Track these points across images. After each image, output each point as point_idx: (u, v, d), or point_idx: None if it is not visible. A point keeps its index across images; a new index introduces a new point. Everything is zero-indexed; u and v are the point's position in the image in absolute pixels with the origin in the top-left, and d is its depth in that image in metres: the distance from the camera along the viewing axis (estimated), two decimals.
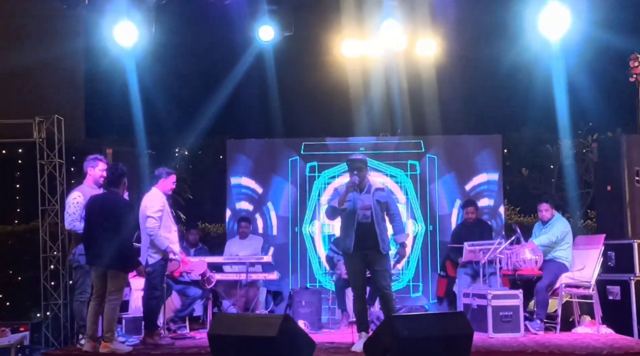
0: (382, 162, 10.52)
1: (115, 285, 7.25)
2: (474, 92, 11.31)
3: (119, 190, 7.41)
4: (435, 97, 10.76)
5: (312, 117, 11.31)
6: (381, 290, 7.34)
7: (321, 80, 11.28)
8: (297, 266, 10.57)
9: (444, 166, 10.56)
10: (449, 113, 10.82)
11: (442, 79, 10.84)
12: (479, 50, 11.08)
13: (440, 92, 10.82)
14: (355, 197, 7.33)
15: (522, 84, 10.88)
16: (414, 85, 10.81)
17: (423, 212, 10.51)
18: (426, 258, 10.45)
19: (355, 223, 7.27)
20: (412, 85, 10.77)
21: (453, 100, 10.93)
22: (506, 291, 8.27)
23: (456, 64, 10.99)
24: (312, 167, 10.67)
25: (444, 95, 10.87)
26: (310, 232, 10.63)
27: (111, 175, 7.45)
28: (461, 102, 10.99)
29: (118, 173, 7.42)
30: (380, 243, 7.26)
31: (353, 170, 7.33)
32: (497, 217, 10.45)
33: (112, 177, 7.42)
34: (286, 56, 10.74)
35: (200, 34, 11.05)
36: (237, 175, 10.75)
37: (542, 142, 10.86)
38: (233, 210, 10.72)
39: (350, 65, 10.84)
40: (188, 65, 11.02)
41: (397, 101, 10.90)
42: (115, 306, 7.26)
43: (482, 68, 11.28)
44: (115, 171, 7.46)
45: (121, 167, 7.52)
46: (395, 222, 7.51)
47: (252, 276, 9.33)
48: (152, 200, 7.80)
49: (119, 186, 7.38)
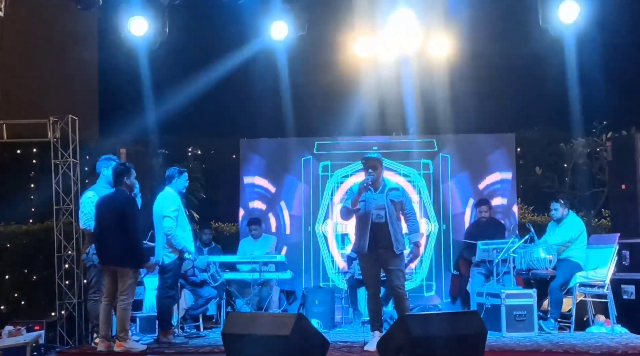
0: (395, 161, 10.51)
1: (125, 283, 7.27)
2: (487, 90, 11.28)
3: (124, 188, 7.42)
4: (448, 95, 10.73)
5: (325, 116, 11.31)
6: (395, 289, 7.34)
7: (333, 79, 11.27)
8: (310, 265, 10.58)
9: (457, 165, 10.55)
10: (462, 112, 10.80)
11: (455, 77, 10.81)
12: (492, 48, 11.06)
13: (453, 90, 10.80)
14: (369, 197, 7.33)
15: (535, 82, 10.85)
16: (427, 84, 10.79)
17: (436, 211, 10.49)
18: (439, 257, 10.44)
19: (370, 223, 7.28)
20: (424, 84, 10.74)
21: (466, 99, 10.91)
22: (520, 291, 8.26)
23: (469, 62, 10.97)
24: (324, 166, 10.67)
25: (457, 94, 10.86)
26: (323, 231, 10.64)
27: (112, 173, 7.52)
28: (474, 101, 10.96)
29: (118, 171, 7.46)
30: (394, 243, 7.26)
31: (368, 168, 7.33)
32: (511, 215, 10.43)
33: (113, 175, 7.50)
34: (298, 55, 10.75)
35: (214, 33, 11.07)
36: (250, 174, 10.77)
37: (556, 141, 10.82)
38: (246, 210, 10.75)
39: (362, 64, 10.84)
40: (201, 64, 10.96)
41: (410, 100, 10.87)
42: (127, 306, 7.28)
43: (495, 66, 11.26)
44: (116, 169, 7.51)
45: (122, 165, 7.55)
46: (410, 221, 7.51)
47: (265, 275, 9.33)
48: (168, 200, 7.83)
49: (122, 184, 7.40)
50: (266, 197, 10.78)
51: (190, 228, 8.11)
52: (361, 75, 10.94)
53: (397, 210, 7.39)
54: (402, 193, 7.53)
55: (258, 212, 10.68)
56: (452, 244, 10.38)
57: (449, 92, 10.74)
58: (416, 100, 10.82)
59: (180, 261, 7.88)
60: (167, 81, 10.64)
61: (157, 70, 10.28)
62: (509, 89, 11.35)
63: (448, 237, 10.45)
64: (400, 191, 7.51)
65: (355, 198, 7.26)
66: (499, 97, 11.38)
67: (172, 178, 8.00)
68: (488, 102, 11.24)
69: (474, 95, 11.04)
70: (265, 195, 10.79)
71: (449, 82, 10.73)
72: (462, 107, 10.85)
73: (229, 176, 11.10)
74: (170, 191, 7.95)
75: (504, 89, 11.36)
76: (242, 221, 10.71)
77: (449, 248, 10.41)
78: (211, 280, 8.83)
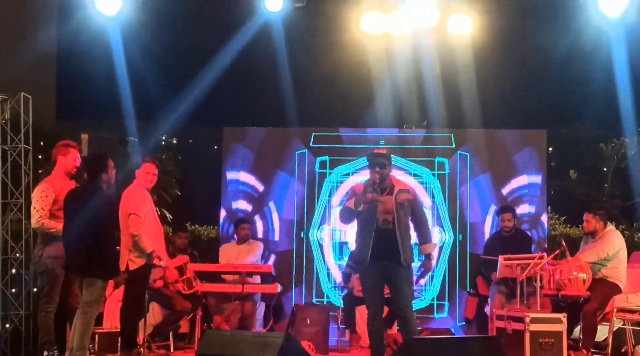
0: (405, 159, 10.59)
1: (92, 294, 7.24)
2: (516, 78, 11.31)
3: (100, 183, 7.42)
4: (469, 83, 10.78)
5: (325, 103, 11.38)
6: (400, 308, 7.34)
7: (336, 61, 11.31)
8: (302, 277, 10.63)
9: (478, 165, 10.62)
10: (485, 103, 10.82)
11: (478, 62, 10.85)
12: (524, 29, 11.07)
13: (476, 77, 10.83)
14: (375, 199, 7.31)
15: (574, 72, 10.87)
16: (445, 69, 10.82)
17: (452, 218, 10.56)
18: (454, 272, 10.50)
19: (374, 230, 7.29)
20: (442, 69, 10.78)
21: (490, 88, 10.94)
22: (547, 315, 8.29)
23: (495, 44, 10.98)
24: (322, 162, 10.74)
25: (480, 82, 10.87)
26: (319, 238, 10.70)
27: (89, 164, 7.51)
28: (500, 90, 11.02)
29: (95, 161, 7.47)
30: (401, 254, 7.28)
31: (374, 166, 7.34)
32: (539, 226, 10.51)
33: (88, 165, 7.49)
34: (296, 32, 10.80)
35: (197, 3, 11.10)
36: (234, 169, 10.81)
37: (594, 140, 10.86)
38: (229, 210, 10.79)
39: (370, 44, 10.87)
40: (180, 39, 11.08)
41: (425, 87, 10.92)
42: (89, 320, 7.27)
43: (527, 50, 11.27)
44: (92, 158, 7.55)
45: (99, 154, 7.58)
46: (422, 229, 7.55)
47: (249, 288, 9.42)
48: (135, 196, 7.88)
49: (97, 177, 7.40)
50: (253, 197, 10.83)
51: (161, 230, 8.18)
52: (368, 56, 10.97)
53: (407, 215, 7.42)
54: (414, 196, 7.56)
55: (243, 213, 10.73)
56: (469, 258, 10.44)
57: (471, 79, 10.80)
58: (432, 87, 10.88)
59: (148, 267, 7.92)
60: (139, 57, 10.67)
61: (128, 43, 10.32)
62: (542, 77, 11.37)
63: (464, 250, 10.52)
64: (412, 194, 7.54)
65: (359, 198, 7.25)
66: (529, 86, 11.39)
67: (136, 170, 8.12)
68: (517, 91, 11.27)
69: (501, 83, 11.08)
70: (251, 194, 10.85)
71: (472, 67, 10.79)
72: (486, 97, 10.88)
73: (209, 170, 11.10)
74: (137, 186, 8.03)
75: (536, 77, 11.38)
76: (223, 223, 10.76)
77: (465, 262, 10.47)
78: (185, 286, 8.85)
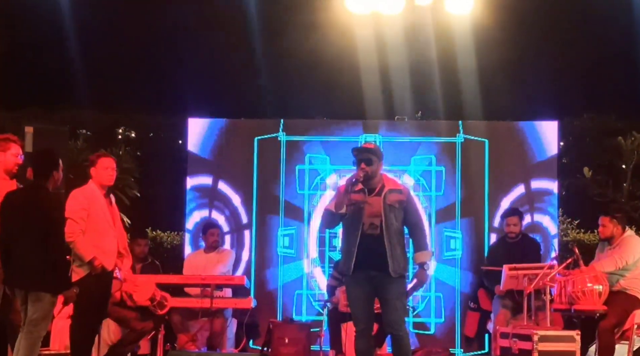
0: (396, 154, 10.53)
1: (38, 311, 7.14)
2: (523, 63, 11.43)
3: (48, 185, 7.33)
4: (470, 68, 10.88)
5: (305, 92, 11.44)
6: (392, 326, 7.26)
7: (319, 44, 11.36)
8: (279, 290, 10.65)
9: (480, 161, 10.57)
10: (488, 92, 10.93)
11: (481, 44, 10.92)
12: (533, 6, 11.10)
13: (478, 62, 10.94)
14: (361, 200, 7.26)
15: (589, 55, 11.01)
16: (443, 53, 10.88)
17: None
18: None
19: (359, 235, 7.24)
20: (440, 53, 10.83)
21: (494, 74, 11.06)
22: (558, 332, 8.31)
23: (500, 25, 11.04)
24: (302, 157, 10.72)
25: (483, 67, 10.99)
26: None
27: (38, 162, 7.37)
28: (505, 77, 11.12)
29: (44, 159, 7.37)
30: (389, 263, 7.19)
31: (359, 162, 7.28)
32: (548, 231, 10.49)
33: (40, 165, 7.34)
34: (271, 11, 10.95)
35: None
36: (200, 165, 10.76)
37: (612, 133, 10.92)
38: (195, 214, 10.77)
39: (357, 24, 10.89)
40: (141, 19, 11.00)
41: (419, 74, 11.01)
42: (36, 341, 7.16)
43: (536, 30, 11.31)
44: (45, 158, 7.40)
45: (49, 151, 7.48)
46: (416, 234, 7.46)
47: (218, 302, 9.33)
48: (75, 197, 7.83)
49: (48, 179, 7.30)
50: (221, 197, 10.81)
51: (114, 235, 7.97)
52: (356, 39, 10.97)
53: (398, 219, 7.33)
54: (406, 197, 7.46)
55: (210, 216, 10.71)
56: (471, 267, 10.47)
57: (473, 64, 10.88)
58: (427, 73, 10.97)
59: (95, 278, 7.75)
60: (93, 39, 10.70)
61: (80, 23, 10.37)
62: (554, 61, 11.45)
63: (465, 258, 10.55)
64: (405, 194, 7.45)
65: (340, 199, 7.18)
66: (538, 72, 11.46)
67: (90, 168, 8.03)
68: (524, 78, 11.39)
69: (506, 68, 11.16)
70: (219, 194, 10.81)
71: (473, 51, 10.85)
72: (489, 84, 10.99)
73: (172, 168, 11.18)
74: (88, 185, 7.94)
75: (547, 61, 11.48)
76: (188, 229, 10.75)
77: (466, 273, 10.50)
78: (157, 309, 8.79)
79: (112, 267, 7.92)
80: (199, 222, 10.68)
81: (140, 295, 8.63)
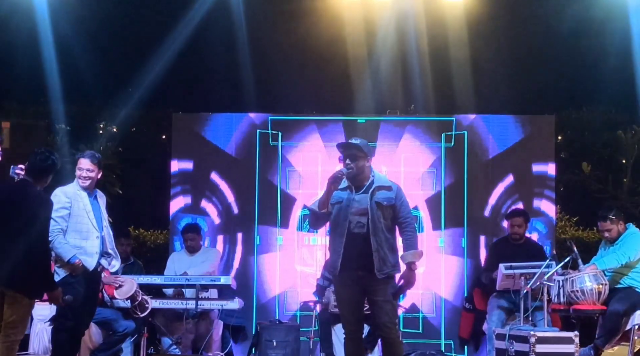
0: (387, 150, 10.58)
1: (16, 312, 7.10)
2: (520, 55, 11.43)
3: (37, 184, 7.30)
4: (465, 60, 10.86)
5: (294, 85, 11.37)
6: (382, 328, 7.30)
7: (307, 34, 11.29)
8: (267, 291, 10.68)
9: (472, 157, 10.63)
10: (483, 84, 10.93)
11: (476, 35, 10.90)
12: None
13: (473, 53, 10.91)
14: (347, 198, 7.29)
15: (588, 47, 10.96)
16: (437, 43, 10.87)
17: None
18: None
19: (345, 234, 7.25)
20: (433, 43, 10.84)
21: (490, 66, 11.06)
22: (556, 334, 8.33)
23: (497, 15, 11.06)
24: (289, 155, 10.78)
25: (478, 59, 10.97)
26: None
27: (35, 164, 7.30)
28: (502, 69, 11.10)
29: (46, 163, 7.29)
30: (375, 263, 7.20)
31: (345, 158, 7.29)
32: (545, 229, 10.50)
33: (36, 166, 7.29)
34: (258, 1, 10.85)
35: None
36: (185, 160, 10.81)
37: (612, 127, 10.97)
38: (179, 211, 10.79)
39: (345, 12, 10.86)
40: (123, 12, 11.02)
41: (413, 65, 10.95)
42: (12, 345, 7.14)
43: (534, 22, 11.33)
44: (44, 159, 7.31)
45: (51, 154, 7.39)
46: (405, 233, 7.43)
47: (204, 304, 9.32)
48: (55, 195, 7.82)
49: (40, 181, 7.29)
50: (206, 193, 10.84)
51: (97, 235, 8.00)
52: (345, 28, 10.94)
53: (386, 217, 7.33)
54: (395, 194, 7.43)
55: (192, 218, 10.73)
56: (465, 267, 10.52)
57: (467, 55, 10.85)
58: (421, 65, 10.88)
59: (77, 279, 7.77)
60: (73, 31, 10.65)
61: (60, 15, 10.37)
62: (551, 54, 11.47)
63: None
64: (394, 191, 7.42)
65: (324, 198, 7.21)
66: (535, 64, 11.49)
67: None
68: (520, 70, 11.36)
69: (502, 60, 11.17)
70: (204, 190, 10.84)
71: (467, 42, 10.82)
72: (484, 76, 10.99)
73: (155, 164, 11.21)
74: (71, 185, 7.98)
75: (544, 53, 11.49)
76: (173, 227, 10.76)
77: None
78: (137, 311, 8.78)
79: (94, 267, 7.91)
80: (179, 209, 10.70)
81: (121, 290, 8.62)
